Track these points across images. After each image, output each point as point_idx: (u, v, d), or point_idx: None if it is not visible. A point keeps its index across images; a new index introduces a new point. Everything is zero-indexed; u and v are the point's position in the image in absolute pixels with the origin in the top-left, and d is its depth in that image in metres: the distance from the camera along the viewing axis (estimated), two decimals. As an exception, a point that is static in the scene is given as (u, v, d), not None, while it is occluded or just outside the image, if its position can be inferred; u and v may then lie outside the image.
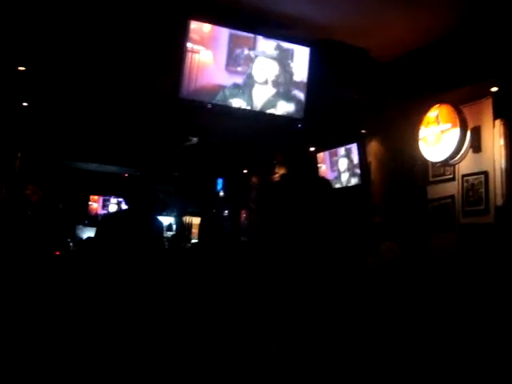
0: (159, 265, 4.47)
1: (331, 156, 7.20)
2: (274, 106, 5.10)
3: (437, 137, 5.03)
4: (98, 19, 4.94)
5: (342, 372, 3.67)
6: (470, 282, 4.65)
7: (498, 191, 4.52)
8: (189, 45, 4.59)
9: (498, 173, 4.53)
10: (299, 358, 4.22)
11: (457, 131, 4.84)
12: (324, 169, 7.33)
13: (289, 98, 5.14)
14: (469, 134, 4.83)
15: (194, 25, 4.57)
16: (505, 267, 4.35)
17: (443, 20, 4.60)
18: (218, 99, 4.86)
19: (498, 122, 4.57)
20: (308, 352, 4.22)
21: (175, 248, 8.45)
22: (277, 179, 8.86)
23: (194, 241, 14.25)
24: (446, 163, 5.00)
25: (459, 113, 4.86)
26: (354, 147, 6.68)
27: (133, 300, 4.12)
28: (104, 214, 12.98)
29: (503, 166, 4.47)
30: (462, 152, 4.85)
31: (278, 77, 5.07)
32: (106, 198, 14.15)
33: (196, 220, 14.50)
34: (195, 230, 14.49)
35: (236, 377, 4.34)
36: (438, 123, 5.02)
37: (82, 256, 6.17)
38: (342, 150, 6.96)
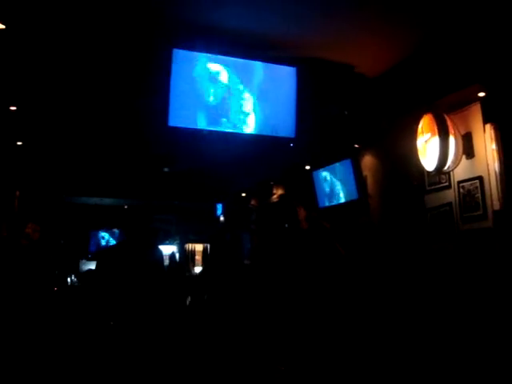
0: (159, 294, 4.46)
1: (326, 173, 7.21)
2: (265, 128, 5.11)
3: (423, 147, 5.04)
4: (87, 58, 5.01)
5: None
6: (471, 286, 4.63)
7: (495, 195, 4.51)
8: (174, 74, 4.63)
9: (493, 177, 4.52)
10: (309, 378, 4.20)
11: (436, 140, 4.84)
12: (321, 186, 7.34)
13: (279, 118, 5.15)
14: (452, 140, 4.80)
15: (178, 53, 4.61)
16: (506, 270, 4.34)
17: (421, 31, 4.66)
18: (209, 124, 4.88)
19: (488, 126, 4.58)
20: (317, 372, 4.20)
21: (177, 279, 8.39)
22: (275, 200, 8.87)
23: (198, 268, 14.22)
24: (439, 171, 4.98)
25: (438, 121, 4.82)
26: (348, 162, 6.69)
27: (133, 329, 4.11)
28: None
29: (497, 169, 4.47)
30: (450, 159, 4.83)
31: (266, 98, 5.09)
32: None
33: (199, 247, 14.49)
34: (198, 257, 14.47)
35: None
36: (423, 133, 5.03)
37: (83, 289, 6.16)
38: (336, 166, 6.96)
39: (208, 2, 4.12)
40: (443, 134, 4.78)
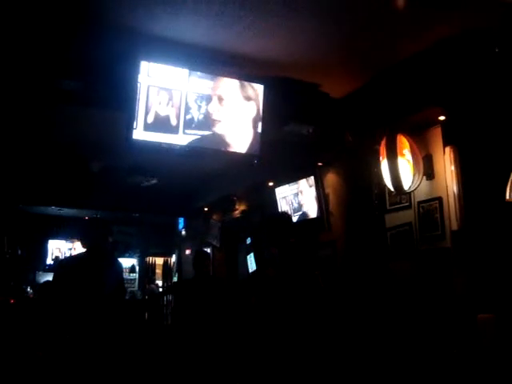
0: (118, 308, 4.39)
1: (289, 190, 7.24)
2: (229, 144, 5.09)
3: (381, 168, 5.12)
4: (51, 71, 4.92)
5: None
6: (429, 305, 4.71)
7: (453, 216, 4.63)
8: (141, 86, 4.58)
9: (452, 198, 4.65)
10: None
11: (385, 162, 4.96)
12: (283, 203, 7.36)
13: (244, 134, 5.15)
14: (404, 162, 4.91)
15: (146, 65, 4.57)
16: (462, 289, 4.45)
17: (383, 57, 4.78)
18: (173, 140, 4.82)
19: (447, 148, 4.71)
20: None
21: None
22: (237, 215, 8.86)
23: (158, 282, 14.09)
24: (400, 192, 5.06)
25: (387, 143, 4.94)
26: (311, 180, 6.73)
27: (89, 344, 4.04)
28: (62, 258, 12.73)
29: (455, 191, 4.60)
30: (410, 180, 4.91)
31: (233, 114, 5.08)
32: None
33: (159, 260, 14.37)
34: (159, 271, 14.35)
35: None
36: (379, 155, 5.12)
37: (40, 302, 6.02)
38: (299, 184, 7.00)
39: (176, 16, 4.11)
40: (391, 156, 4.88)
